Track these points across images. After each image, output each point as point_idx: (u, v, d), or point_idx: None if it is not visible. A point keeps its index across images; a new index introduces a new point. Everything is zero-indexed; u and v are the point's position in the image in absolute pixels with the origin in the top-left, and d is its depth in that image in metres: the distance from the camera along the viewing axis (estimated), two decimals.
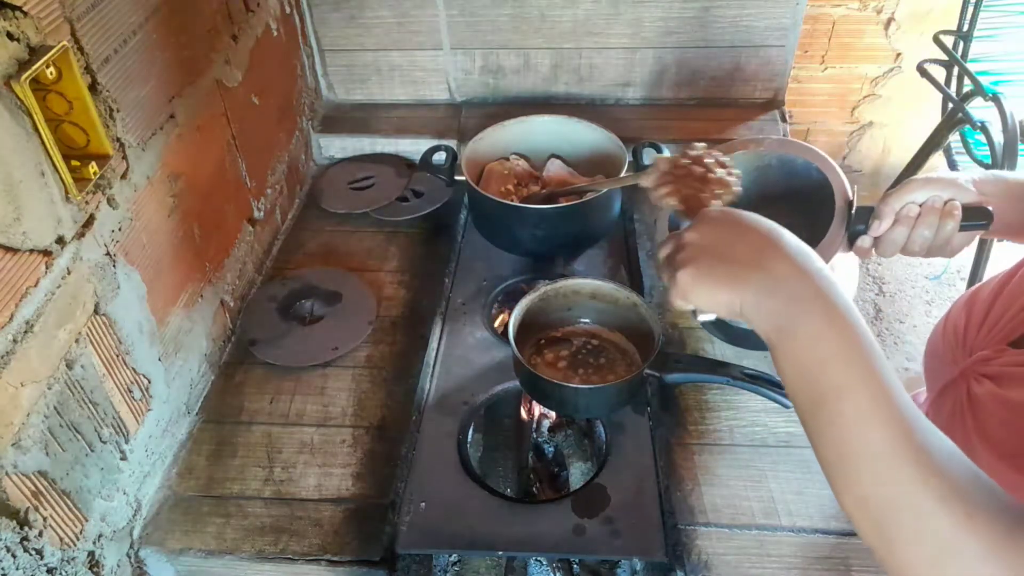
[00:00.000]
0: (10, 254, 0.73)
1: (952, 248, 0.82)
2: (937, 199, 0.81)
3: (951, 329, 0.92)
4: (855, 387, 0.53)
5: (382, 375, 1.18)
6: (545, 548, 0.97)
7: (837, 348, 0.55)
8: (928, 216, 0.80)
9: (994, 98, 1.76)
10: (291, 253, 1.43)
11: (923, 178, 0.82)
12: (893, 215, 0.82)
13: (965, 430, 0.82)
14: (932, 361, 0.96)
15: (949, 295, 2.37)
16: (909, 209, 0.81)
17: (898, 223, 0.82)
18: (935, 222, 0.80)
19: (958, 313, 0.92)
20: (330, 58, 1.67)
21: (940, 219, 0.80)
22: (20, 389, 0.75)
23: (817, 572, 0.90)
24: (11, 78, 0.71)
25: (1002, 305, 0.85)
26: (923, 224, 0.81)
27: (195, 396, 1.15)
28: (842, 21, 2.14)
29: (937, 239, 0.81)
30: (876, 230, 0.83)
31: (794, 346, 0.57)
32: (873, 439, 0.52)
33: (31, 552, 0.77)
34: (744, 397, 1.09)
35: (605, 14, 1.56)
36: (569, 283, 1.16)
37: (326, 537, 0.97)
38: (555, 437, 1.29)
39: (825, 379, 0.55)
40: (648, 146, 1.34)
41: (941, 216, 0.80)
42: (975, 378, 0.82)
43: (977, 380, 0.82)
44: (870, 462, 0.52)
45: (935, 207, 0.80)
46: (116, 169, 0.91)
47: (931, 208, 0.80)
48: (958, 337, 0.89)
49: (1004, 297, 0.85)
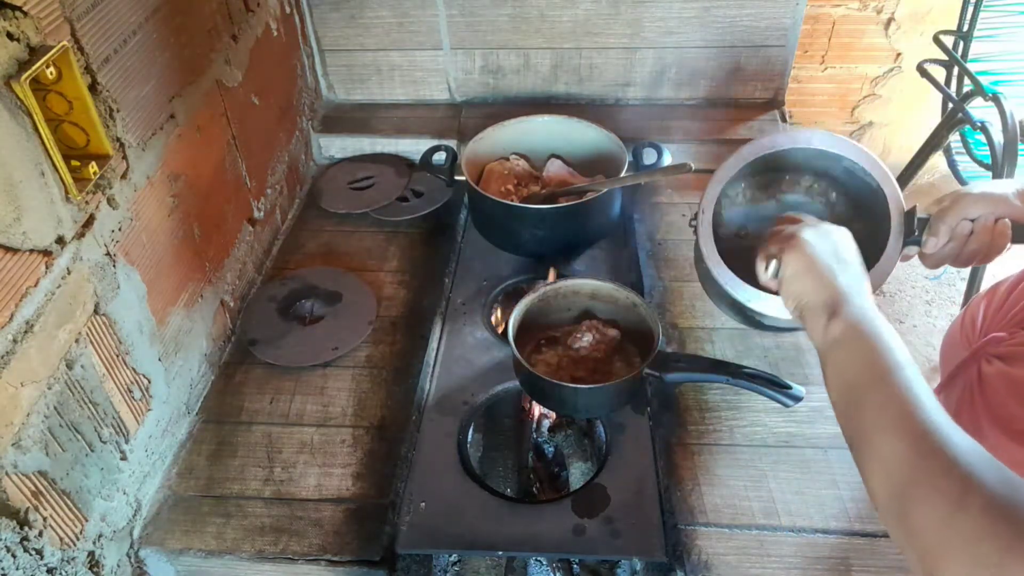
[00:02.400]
0: (10, 254, 0.73)
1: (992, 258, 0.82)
2: (988, 217, 0.80)
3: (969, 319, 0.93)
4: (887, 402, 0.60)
5: (382, 375, 1.18)
6: (545, 548, 0.97)
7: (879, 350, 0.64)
8: (981, 235, 0.80)
9: (994, 98, 1.75)
10: (291, 253, 1.43)
11: (977, 194, 0.81)
12: (949, 233, 0.82)
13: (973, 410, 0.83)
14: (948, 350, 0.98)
15: (949, 295, 2.37)
16: (963, 227, 0.81)
17: (952, 240, 0.82)
18: (987, 240, 0.80)
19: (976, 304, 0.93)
20: (330, 58, 1.67)
21: (992, 238, 0.80)
22: (20, 389, 0.75)
23: (817, 572, 0.90)
24: (11, 78, 0.71)
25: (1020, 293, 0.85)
26: (975, 241, 0.81)
27: (195, 396, 1.15)
28: (842, 21, 2.14)
29: (989, 256, 0.81)
30: (930, 247, 0.83)
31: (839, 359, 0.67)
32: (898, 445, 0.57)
33: (31, 552, 0.77)
34: (744, 397, 1.08)
35: (605, 14, 1.56)
36: (569, 283, 1.16)
37: (326, 537, 0.97)
38: (555, 437, 1.29)
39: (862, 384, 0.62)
40: (648, 146, 1.34)
41: (993, 235, 0.80)
42: (986, 359, 0.83)
43: (988, 360, 0.83)
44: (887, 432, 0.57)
45: (987, 226, 0.80)
46: (116, 169, 0.91)
47: (984, 227, 0.80)
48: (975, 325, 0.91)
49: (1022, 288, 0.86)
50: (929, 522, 0.51)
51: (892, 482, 0.55)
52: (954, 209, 0.81)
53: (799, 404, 0.95)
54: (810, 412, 1.05)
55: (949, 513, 0.50)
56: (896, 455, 0.55)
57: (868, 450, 0.59)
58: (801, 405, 0.96)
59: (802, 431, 1.05)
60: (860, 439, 0.60)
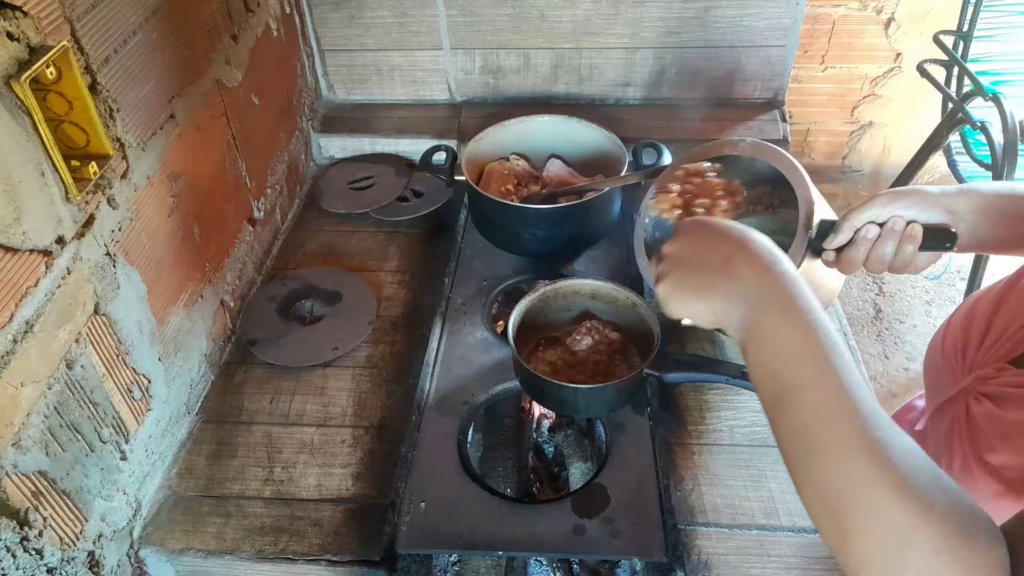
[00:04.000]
0: (10, 254, 0.73)
1: (916, 267, 0.80)
2: (898, 220, 0.78)
3: (951, 344, 0.90)
4: (812, 383, 0.55)
5: (382, 375, 1.18)
6: (545, 548, 0.97)
7: (796, 345, 0.57)
8: (887, 238, 0.78)
9: (994, 98, 1.76)
10: (291, 253, 1.43)
11: (890, 193, 0.79)
12: (851, 232, 0.80)
13: (963, 452, 0.80)
14: (932, 375, 0.94)
15: (949, 295, 2.37)
16: (867, 230, 0.79)
17: (856, 242, 0.80)
18: (894, 244, 0.78)
19: (957, 326, 0.90)
20: (330, 58, 1.67)
21: (900, 241, 0.78)
22: (20, 389, 0.75)
23: (817, 572, 0.90)
24: (11, 78, 0.71)
25: (1003, 321, 0.82)
26: (882, 245, 0.79)
27: (195, 396, 1.15)
28: (842, 21, 2.14)
29: (896, 260, 0.79)
30: (831, 243, 0.81)
31: (758, 345, 0.60)
32: (828, 432, 0.52)
33: (31, 552, 0.77)
34: (744, 397, 1.09)
35: (605, 14, 1.56)
36: (569, 283, 1.16)
37: (326, 537, 0.97)
38: (555, 437, 1.29)
39: (784, 375, 0.57)
40: (648, 146, 1.34)
41: (901, 238, 0.78)
42: (974, 396, 0.80)
43: (976, 399, 0.80)
44: (825, 454, 0.52)
45: (895, 229, 0.78)
46: (116, 169, 0.91)
47: (891, 230, 0.78)
48: (958, 353, 0.87)
49: (1004, 312, 0.83)
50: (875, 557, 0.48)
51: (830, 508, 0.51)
52: (862, 208, 0.79)
53: None
54: None
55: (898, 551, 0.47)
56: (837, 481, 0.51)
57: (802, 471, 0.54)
58: None
59: None
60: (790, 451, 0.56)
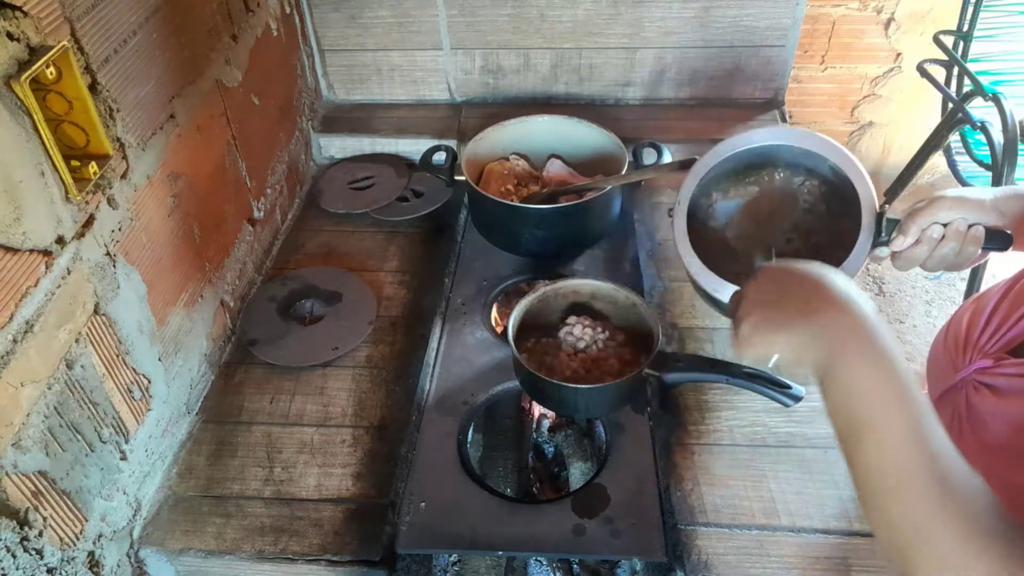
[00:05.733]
0: (10, 254, 0.73)
1: (963, 266, 0.82)
2: (962, 222, 0.80)
3: (952, 337, 0.91)
4: (883, 424, 0.58)
5: (382, 375, 1.18)
6: (545, 548, 0.97)
7: (869, 387, 0.60)
8: (952, 239, 0.80)
9: (994, 98, 1.75)
10: (291, 253, 1.43)
11: (952, 197, 0.81)
12: (918, 233, 0.81)
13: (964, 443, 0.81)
14: (933, 367, 0.96)
15: (949, 295, 2.37)
16: (933, 230, 0.81)
17: (921, 242, 0.81)
18: (957, 245, 0.80)
19: (959, 320, 0.92)
20: (330, 58, 1.67)
21: (962, 243, 0.80)
22: (20, 389, 0.75)
23: (817, 572, 0.90)
24: (11, 78, 0.71)
25: (1003, 313, 0.84)
26: (945, 246, 0.80)
27: (195, 396, 1.15)
28: (842, 21, 2.14)
29: (957, 259, 0.81)
30: (898, 246, 0.83)
31: (832, 383, 0.62)
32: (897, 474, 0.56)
33: (31, 552, 0.77)
34: (744, 397, 1.08)
35: (605, 14, 1.56)
36: (569, 283, 1.16)
37: (326, 537, 0.97)
38: (555, 437, 1.29)
39: (857, 414, 0.60)
40: (648, 146, 1.34)
41: (964, 240, 0.80)
42: (974, 386, 0.81)
43: (976, 389, 0.81)
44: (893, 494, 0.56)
45: (959, 230, 0.80)
46: (116, 169, 0.91)
47: (955, 231, 0.80)
48: (959, 345, 0.89)
49: (1006, 305, 0.84)
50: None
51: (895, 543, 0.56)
52: (927, 210, 0.81)
53: (799, 404, 0.95)
54: (810, 412, 1.05)
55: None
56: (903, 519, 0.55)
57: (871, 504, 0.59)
58: (801, 405, 0.96)
59: (802, 431, 1.05)
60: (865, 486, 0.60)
